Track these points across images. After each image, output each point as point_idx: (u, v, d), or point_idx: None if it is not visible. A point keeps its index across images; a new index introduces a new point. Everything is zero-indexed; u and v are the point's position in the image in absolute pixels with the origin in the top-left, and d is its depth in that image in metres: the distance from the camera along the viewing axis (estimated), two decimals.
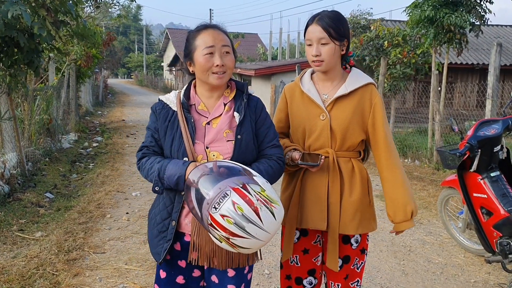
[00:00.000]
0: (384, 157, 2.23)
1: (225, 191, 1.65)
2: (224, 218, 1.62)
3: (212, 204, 1.65)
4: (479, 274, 4.00)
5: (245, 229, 1.62)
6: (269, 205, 1.67)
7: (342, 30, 2.15)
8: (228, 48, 1.95)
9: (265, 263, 4.05)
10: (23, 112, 7.62)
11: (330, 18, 2.13)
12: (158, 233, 2.00)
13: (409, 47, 10.96)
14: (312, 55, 2.16)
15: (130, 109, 21.60)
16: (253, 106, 2.06)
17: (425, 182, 7.34)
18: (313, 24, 2.15)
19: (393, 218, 2.24)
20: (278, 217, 1.69)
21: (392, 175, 2.22)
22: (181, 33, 44.27)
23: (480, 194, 3.77)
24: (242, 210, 1.62)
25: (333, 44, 2.13)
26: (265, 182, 1.76)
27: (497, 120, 3.93)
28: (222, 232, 1.64)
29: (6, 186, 5.78)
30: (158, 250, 1.99)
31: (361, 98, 2.23)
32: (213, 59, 1.91)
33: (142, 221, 5.16)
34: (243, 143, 1.95)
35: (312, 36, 2.15)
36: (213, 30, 1.96)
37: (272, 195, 1.72)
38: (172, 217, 1.96)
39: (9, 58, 5.11)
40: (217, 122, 1.98)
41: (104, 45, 14.25)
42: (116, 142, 11.26)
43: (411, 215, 2.21)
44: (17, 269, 3.74)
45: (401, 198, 2.20)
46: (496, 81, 6.54)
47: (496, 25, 19.91)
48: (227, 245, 1.68)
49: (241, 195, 1.65)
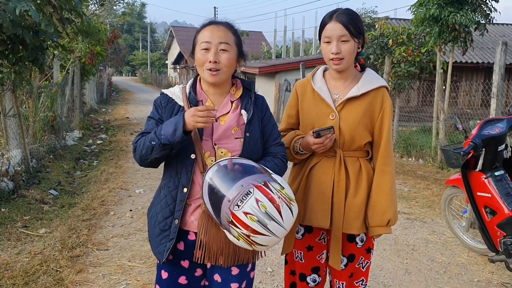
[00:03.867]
0: (381, 162, 2.23)
1: (248, 189, 1.66)
2: (247, 215, 1.63)
3: (235, 202, 1.65)
4: (483, 274, 3.99)
5: (267, 227, 1.64)
6: (289, 202, 1.70)
7: (360, 27, 2.14)
8: (226, 45, 1.91)
9: (268, 261, 4.06)
10: (28, 109, 7.64)
11: (348, 15, 2.12)
12: (160, 231, 1.96)
13: (413, 46, 10.92)
14: (332, 53, 2.12)
15: (134, 106, 21.65)
16: (260, 104, 2.06)
17: (429, 181, 7.32)
18: (332, 22, 2.12)
19: (369, 221, 2.22)
20: (295, 214, 1.72)
21: (382, 181, 2.22)
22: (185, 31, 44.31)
23: (484, 193, 3.76)
24: (266, 208, 1.64)
25: (353, 42, 2.12)
26: (283, 180, 1.78)
27: (501, 119, 3.91)
28: (243, 229, 1.65)
29: (10, 183, 5.81)
30: (160, 250, 1.95)
31: (373, 100, 2.21)
32: (207, 55, 1.90)
33: (145, 218, 5.16)
34: (251, 141, 1.95)
35: (332, 33, 2.11)
36: (214, 26, 1.94)
37: (289, 193, 1.75)
38: (174, 215, 1.93)
39: (14, 55, 5.12)
40: (225, 119, 1.97)
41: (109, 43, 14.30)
42: (120, 139, 11.28)
43: (387, 222, 2.21)
44: (21, 265, 3.76)
45: (382, 204, 2.19)
46: (501, 80, 6.52)
47: (502, 23, 19.79)
48: (245, 242, 1.69)
49: (264, 193, 1.66)
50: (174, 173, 1.95)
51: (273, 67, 17.79)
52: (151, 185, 6.68)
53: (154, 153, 1.84)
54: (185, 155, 1.91)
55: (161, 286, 2.04)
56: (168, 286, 2.02)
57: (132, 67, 66.13)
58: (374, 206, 2.21)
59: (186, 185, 1.90)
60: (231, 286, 2.00)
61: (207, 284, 2.07)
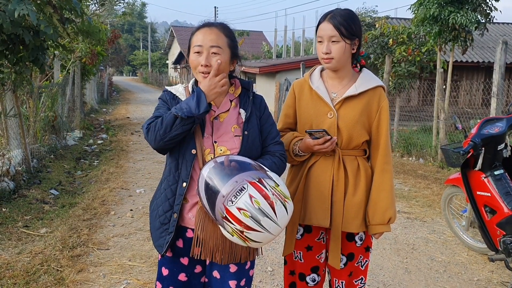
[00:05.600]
0: (381, 160, 2.25)
1: (242, 185, 1.68)
2: (240, 211, 1.65)
3: (229, 197, 1.67)
4: (482, 273, 3.99)
5: (260, 223, 1.65)
6: (283, 200, 1.72)
7: (353, 29, 2.15)
8: (218, 49, 1.92)
9: (268, 260, 4.07)
10: (28, 109, 7.66)
11: (342, 17, 2.14)
12: (160, 225, 2.00)
13: (414, 45, 10.93)
14: (322, 52, 2.16)
15: (135, 106, 21.66)
16: (258, 103, 2.08)
17: (429, 180, 7.33)
18: (324, 22, 2.16)
19: (370, 219, 2.24)
20: (289, 212, 1.74)
21: (382, 179, 2.24)
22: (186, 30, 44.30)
23: (483, 193, 3.76)
24: (259, 204, 1.65)
25: (344, 43, 2.13)
26: (278, 177, 1.80)
27: (501, 118, 3.91)
28: (236, 225, 1.66)
29: (11, 183, 5.83)
30: (160, 243, 1.99)
31: (370, 99, 2.24)
32: (199, 59, 1.93)
33: (146, 218, 5.18)
34: (250, 139, 1.97)
35: (323, 33, 2.15)
36: (207, 29, 1.96)
37: (284, 190, 1.76)
38: (174, 209, 1.96)
39: (14, 55, 5.14)
40: (224, 117, 2.00)
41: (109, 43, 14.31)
42: (120, 139, 11.29)
43: (388, 220, 2.23)
44: (22, 264, 3.77)
45: (384, 202, 2.22)
46: (502, 79, 6.52)
47: (502, 23, 19.79)
48: (239, 238, 1.70)
49: (258, 189, 1.68)
50: (175, 167, 1.97)
51: (273, 67, 17.79)
52: (152, 185, 6.69)
53: (174, 129, 1.83)
54: (187, 150, 1.93)
55: (162, 284, 2.06)
56: (169, 283, 2.04)
57: (133, 67, 66.15)
58: (376, 205, 2.22)
59: (185, 180, 1.93)
60: (229, 283, 2.02)
61: (206, 281, 2.09)
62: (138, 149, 9.94)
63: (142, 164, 8.29)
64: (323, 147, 2.16)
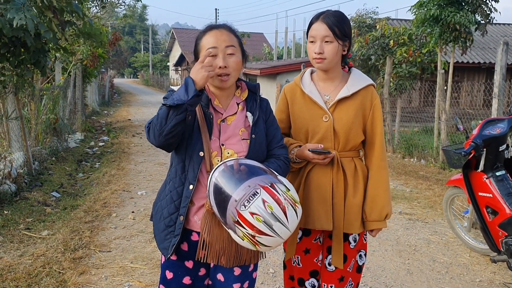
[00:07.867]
0: (377, 157, 2.27)
1: (255, 189, 1.68)
2: (253, 216, 1.65)
3: (241, 202, 1.67)
4: (485, 274, 3.99)
5: (272, 227, 1.66)
6: (294, 204, 1.73)
7: (346, 30, 2.17)
8: (233, 48, 1.93)
9: (270, 262, 4.07)
10: (30, 111, 7.67)
11: (336, 17, 2.15)
12: (165, 227, 1.98)
13: (414, 46, 10.94)
14: (315, 52, 2.17)
15: (136, 108, 21.67)
16: (264, 107, 2.09)
17: (431, 182, 7.32)
18: (318, 22, 2.17)
19: (367, 215, 2.25)
20: (299, 217, 1.75)
21: (379, 176, 2.26)
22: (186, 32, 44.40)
23: (485, 194, 3.76)
24: (272, 209, 1.65)
25: (337, 43, 2.15)
26: (288, 181, 1.80)
27: (502, 119, 3.91)
28: (248, 229, 1.66)
29: (13, 185, 5.83)
30: (165, 245, 1.97)
31: (363, 99, 2.25)
32: (216, 61, 1.90)
33: (147, 220, 5.18)
34: (257, 143, 1.97)
35: (317, 33, 2.16)
36: (217, 31, 1.95)
37: (294, 195, 1.77)
38: (180, 212, 1.94)
39: (16, 58, 5.14)
40: (232, 120, 1.99)
41: (110, 45, 14.32)
42: (122, 141, 11.30)
43: (385, 216, 2.25)
44: (24, 267, 3.78)
45: (381, 199, 2.24)
46: (503, 80, 6.52)
47: (503, 23, 19.79)
48: (250, 243, 1.70)
49: (270, 194, 1.68)
50: (181, 169, 1.96)
51: (274, 68, 17.80)
52: (153, 187, 6.69)
53: (169, 120, 1.78)
54: (194, 152, 1.92)
55: (166, 287, 2.05)
56: (173, 287, 2.03)
57: (134, 69, 66.23)
58: (373, 201, 2.24)
59: (192, 182, 1.92)
60: (233, 286, 2.01)
61: (210, 283, 2.09)
62: (140, 151, 9.95)
63: (144, 166, 8.29)
64: (322, 162, 2.20)
